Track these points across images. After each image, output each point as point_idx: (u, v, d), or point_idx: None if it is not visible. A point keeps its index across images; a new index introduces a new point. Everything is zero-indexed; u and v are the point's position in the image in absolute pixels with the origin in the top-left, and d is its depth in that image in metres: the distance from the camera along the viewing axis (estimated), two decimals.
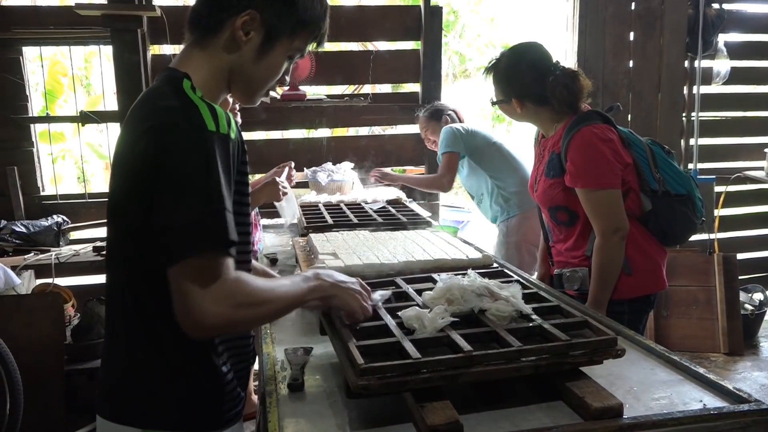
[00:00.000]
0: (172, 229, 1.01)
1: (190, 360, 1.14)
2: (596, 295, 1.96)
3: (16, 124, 3.45)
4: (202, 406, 1.16)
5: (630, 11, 4.14)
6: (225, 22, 1.16)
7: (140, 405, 1.15)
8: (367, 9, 3.78)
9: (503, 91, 2.13)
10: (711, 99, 4.45)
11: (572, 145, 1.96)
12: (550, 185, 2.06)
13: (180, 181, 1.02)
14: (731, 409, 1.14)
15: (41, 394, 2.83)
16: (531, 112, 2.10)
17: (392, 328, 1.24)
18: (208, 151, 1.03)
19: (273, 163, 2.70)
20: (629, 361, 1.36)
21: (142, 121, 1.09)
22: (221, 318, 1.02)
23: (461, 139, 3.31)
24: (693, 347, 3.97)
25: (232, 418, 1.21)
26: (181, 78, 1.12)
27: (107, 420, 1.17)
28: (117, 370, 1.19)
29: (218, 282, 1.02)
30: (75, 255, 3.22)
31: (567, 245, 2.09)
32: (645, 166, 2.01)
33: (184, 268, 1.01)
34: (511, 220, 3.23)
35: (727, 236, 4.61)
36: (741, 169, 4.49)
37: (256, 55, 1.19)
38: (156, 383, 1.14)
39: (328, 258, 1.83)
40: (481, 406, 1.17)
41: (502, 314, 1.29)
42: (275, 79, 1.26)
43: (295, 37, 1.22)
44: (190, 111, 1.06)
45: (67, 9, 3.32)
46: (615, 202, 1.94)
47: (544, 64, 2.07)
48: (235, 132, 1.12)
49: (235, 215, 1.12)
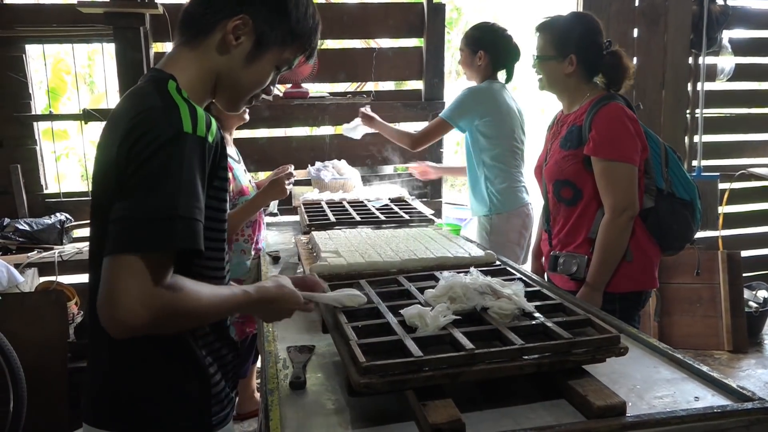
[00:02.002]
0: (127, 220, 0.99)
1: (173, 363, 1.13)
2: (594, 277, 1.96)
3: (19, 122, 3.46)
4: (188, 410, 1.15)
5: (634, 8, 4.12)
6: (217, 24, 1.16)
7: (123, 411, 1.13)
8: (370, 6, 3.77)
9: (559, 46, 2.09)
10: (715, 96, 4.43)
11: (599, 116, 1.98)
12: (564, 157, 2.06)
13: (148, 179, 1.00)
14: (735, 408, 1.13)
15: (45, 391, 2.84)
16: (577, 77, 2.09)
17: (394, 326, 1.24)
18: (181, 152, 1.02)
19: (276, 160, 2.70)
20: (632, 359, 1.35)
21: (124, 119, 1.07)
22: (147, 320, 0.97)
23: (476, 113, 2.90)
24: (697, 345, 3.96)
25: (221, 421, 1.20)
26: (166, 79, 1.12)
27: (92, 426, 1.15)
28: (99, 375, 1.18)
29: (154, 285, 0.98)
30: (78, 253, 3.23)
31: (567, 227, 2.09)
32: (657, 162, 2.02)
33: (125, 261, 0.97)
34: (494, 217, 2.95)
35: (732, 233, 4.59)
36: (745, 166, 4.47)
37: (245, 61, 1.19)
38: (138, 388, 1.13)
39: (330, 256, 1.83)
40: (484, 404, 1.17)
41: (505, 312, 1.28)
42: (260, 88, 1.25)
43: (285, 48, 1.22)
44: (169, 111, 1.05)
45: (69, 7, 3.32)
46: (631, 179, 1.95)
47: (602, 36, 2.11)
48: (214, 136, 1.10)
49: (211, 220, 1.12)
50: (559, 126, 2.18)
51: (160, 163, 1.00)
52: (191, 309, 1.05)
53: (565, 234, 2.10)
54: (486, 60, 2.95)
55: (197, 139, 1.05)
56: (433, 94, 3.82)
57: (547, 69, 2.13)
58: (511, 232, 2.94)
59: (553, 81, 2.14)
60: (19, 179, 3.45)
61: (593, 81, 2.12)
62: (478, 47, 2.95)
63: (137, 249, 0.97)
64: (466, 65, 3.02)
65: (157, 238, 0.98)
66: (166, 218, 0.99)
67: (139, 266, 0.97)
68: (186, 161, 1.02)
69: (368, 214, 2.62)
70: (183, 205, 1.00)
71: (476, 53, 2.95)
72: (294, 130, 4.55)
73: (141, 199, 0.99)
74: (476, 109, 2.90)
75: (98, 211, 1.14)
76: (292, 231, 2.94)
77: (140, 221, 0.98)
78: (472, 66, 2.99)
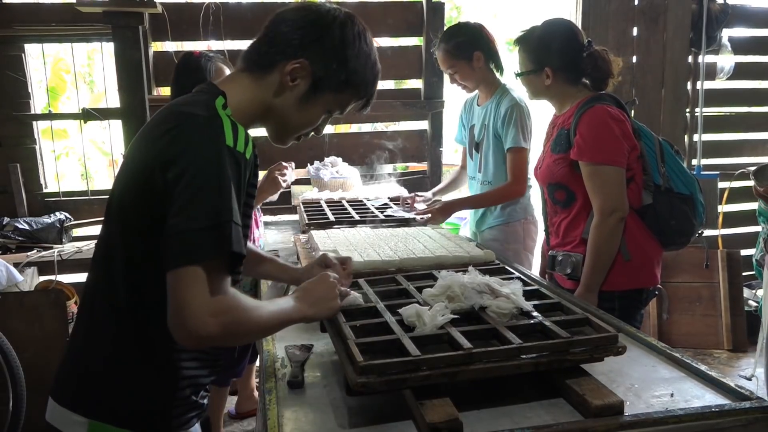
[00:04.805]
0: (183, 233, 1.01)
1: (147, 358, 1.15)
2: (588, 278, 1.97)
3: (18, 121, 3.45)
4: (150, 405, 1.17)
5: (633, 6, 4.11)
6: (276, 64, 1.20)
7: (90, 395, 1.16)
8: (369, 5, 3.77)
9: (535, 60, 2.11)
10: (715, 94, 4.43)
11: (583, 120, 1.98)
12: (554, 161, 2.07)
13: (193, 189, 1.03)
14: (732, 407, 1.13)
15: (44, 390, 2.82)
16: (558, 85, 2.10)
17: (392, 326, 1.24)
18: (221, 162, 1.05)
19: (275, 160, 2.70)
20: (630, 358, 1.36)
21: (165, 123, 1.12)
22: (216, 330, 1.01)
23: (528, 126, 2.59)
24: (697, 344, 3.96)
25: (183, 424, 1.20)
26: (216, 94, 1.16)
27: (58, 404, 1.19)
28: (72, 356, 1.22)
29: (217, 294, 1.02)
30: (78, 252, 3.23)
31: (563, 227, 2.10)
32: (652, 158, 2.02)
33: (186, 273, 1.00)
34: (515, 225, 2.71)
35: (731, 232, 4.59)
36: (745, 165, 4.45)
37: (298, 102, 1.22)
38: (109, 376, 1.16)
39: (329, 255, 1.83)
40: (481, 403, 1.17)
41: (503, 311, 1.28)
42: (309, 129, 1.29)
43: (340, 95, 1.25)
44: (212, 122, 1.09)
45: (68, 6, 3.31)
46: (617, 181, 1.95)
47: (578, 39, 2.09)
48: (251, 153, 1.13)
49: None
50: (551, 128, 2.19)
51: (206, 174, 1.04)
52: (254, 317, 1.09)
53: (562, 234, 2.11)
54: (482, 60, 2.65)
55: (236, 153, 1.08)
56: (432, 92, 3.82)
57: (527, 82, 2.18)
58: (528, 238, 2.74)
59: (536, 92, 2.18)
60: (19, 178, 3.45)
61: (580, 83, 2.12)
62: (471, 50, 2.63)
63: (196, 260, 1.00)
64: (467, 78, 2.68)
65: (212, 246, 1.02)
66: (217, 225, 1.02)
67: (200, 277, 1.00)
68: (225, 171, 1.05)
69: (367, 213, 2.62)
70: (226, 210, 1.03)
71: (472, 58, 2.63)
72: None
73: (191, 210, 1.02)
74: (531, 122, 2.65)
75: (118, 212, 1.16)
76: (291, 230, 2.94)
77: (195, 232, 1.01)
78: (473, 75, 2.67)
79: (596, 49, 2.07)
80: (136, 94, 3.27)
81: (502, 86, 2.69)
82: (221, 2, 3.46)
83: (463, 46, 2.63)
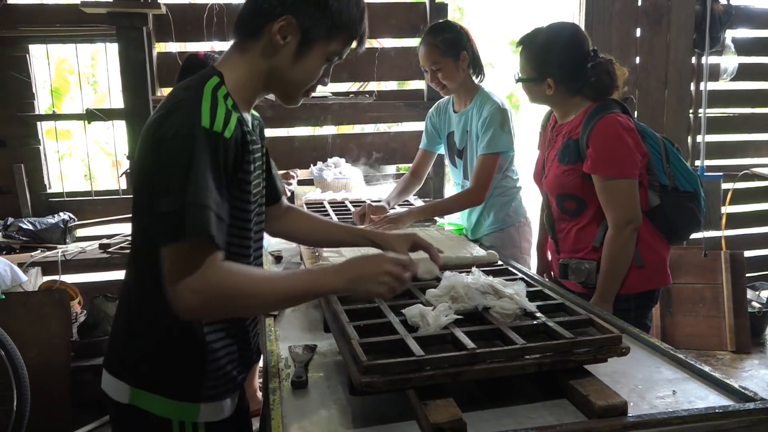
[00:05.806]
0: (158, 215, 1.07)
1: (181, 331, 1.21)
2: (604, 288, 1.95)
3: (22, 121, 3.47)
4: (182, 376, 1.23)
5: (636, 7, 4.11)
6: (264, 27, 1.22)
7: (133, 365, 1.25)
8: (372, 6, 3.76)
9: (537, 69, 2.03)
10: (718, 95, 4.42)
11: (595, 132, 1.93)
12: (564, 172, 2.02)
13: (165, 171, 1.08)
14: (736, 408, 1.13)
15: (48, 390, 2.84)
16: (560, 95, 2.03)
17: (396, 326, 1.24)
18: (194, 144, 1.08)
19: (278, 160, 2.67)
20: (634, 359, 1.36)
21: (156, 111, 1.17)
22: (196, 306, 1.08)
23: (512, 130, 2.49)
24: (700, 345, 3.95)
25: (213, 396, 1.25)
26: (211, 75, 1.20)
27: (107, 372, 1.28)
28: (118, 331, 1.31)
29: (197, 272, 1.07)
30: (81, 252, 3.24)
31: (572, 234, 2.07)
32: (657, 160, 2.00)
33: (166, 253, 1.07)
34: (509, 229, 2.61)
35: (735, 233, 4.58)
36: (748, 166, 4.46)
37: (293, 58, 1.24)
38: (148, 348, 1.24)
39: (332, 256, 1.83)
40: (485, 403, 1.17)
41: (506, 312, 1.28)
42: (313, 81, 1.31)
43: (332, 41, 1.26)
44: (190, 104, 1.12)
45: (72, 7, 3.32)
46: (632, 193, 1.93)
47: (584, 48, 2.01)
48: (232, 132, 1.14)
49: (235, 209, 1.19)
50: (554, 135, 2.13)
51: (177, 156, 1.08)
52: (248, 291, 1.13)
53: (573, 243, 2.07)
54: (467, 62, 2.51)
55: (212, 134, 1.10)
56: (435, 94, 3.78)
57: (527, 89, 2.10)
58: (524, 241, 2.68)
59: (537, 99, 2.10)
60: (23, 179, 3.46)
61: (583, 92, 2.03)
62: (459, 49, 2.48)
63: (169, 240, 1.07)
64: (450, 77, 2.51)
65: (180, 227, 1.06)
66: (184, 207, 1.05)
67: (179, 255, 1.07)
68: (197, 153, 1.08)
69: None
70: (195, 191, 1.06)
71: (458, 57, 2.49)
72: (296, 130, 4.55)
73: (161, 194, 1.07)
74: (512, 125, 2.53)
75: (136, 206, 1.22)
76: None
77: (165, 215, 1.06)
78: (456, 75, 2.51)
79: (601, 59, 2.00)
80: (139, 94, 3.28)
81: (482, 90, 2.57)
82: (225, 3, 3.47)
83: (452, 44, 2.49)
